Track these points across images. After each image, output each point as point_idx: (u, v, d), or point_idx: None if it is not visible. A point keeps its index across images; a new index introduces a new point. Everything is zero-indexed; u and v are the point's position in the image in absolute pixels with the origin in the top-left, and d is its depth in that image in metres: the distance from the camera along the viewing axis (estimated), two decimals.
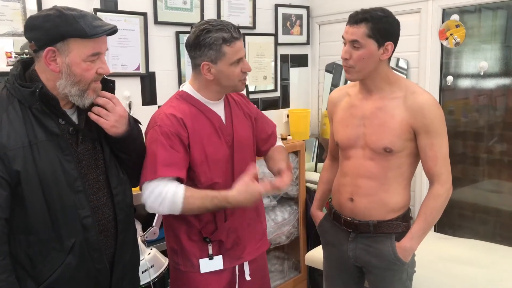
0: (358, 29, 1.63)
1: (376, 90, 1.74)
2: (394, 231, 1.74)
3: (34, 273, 1.35)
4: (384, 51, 1.66)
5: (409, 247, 1.71)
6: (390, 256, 1.73)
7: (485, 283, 2.11)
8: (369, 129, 1.73)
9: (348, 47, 1.68)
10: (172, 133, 1.59)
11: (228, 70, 1.63)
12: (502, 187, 2.71)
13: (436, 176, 1.69)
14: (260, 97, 3.21)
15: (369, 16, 1.62)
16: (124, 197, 1.53)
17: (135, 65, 2.49)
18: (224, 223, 1.71)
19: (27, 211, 1.31)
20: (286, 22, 3.28)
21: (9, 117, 1.29)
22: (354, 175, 1.77)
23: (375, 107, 1.73)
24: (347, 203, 1.80)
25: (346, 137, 1.80)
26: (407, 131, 1.67)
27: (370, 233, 1.76)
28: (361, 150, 1.76)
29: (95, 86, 1.40)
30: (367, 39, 1.63)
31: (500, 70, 2.62)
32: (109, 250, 1.48)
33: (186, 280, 1.74)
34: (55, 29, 1.29)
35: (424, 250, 1.85)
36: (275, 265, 3.11)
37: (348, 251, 1.82)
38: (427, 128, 1.65)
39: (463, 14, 2.67)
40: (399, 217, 1.76)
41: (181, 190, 1.56)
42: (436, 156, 1.67)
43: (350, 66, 1.69)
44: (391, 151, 1.69)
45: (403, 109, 1.68)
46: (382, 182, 1.73)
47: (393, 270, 1.75)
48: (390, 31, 1.66)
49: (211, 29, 1.58)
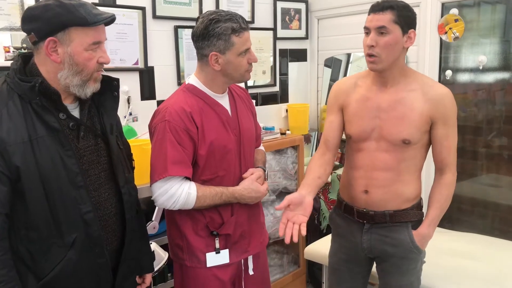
0: (384, 15, 1.65)
1: (392, 82, 1.74)
2: (410, 219, 1.78)
3: (35, 268, 1.34)
4: (407, 39, 1.68)
5: (427, 233, 1.76)
6: (408, 244, 1.77)
7: (483, 276, 2.12)
8: (386, 121, 1.74)
9: (373, 35, 1.67)
10: (181, 129, 1.60)
11: (235, 61, 1.63)
12: (501, 181, 2.72)
13: (448, 166, 1.76)
14: (259, 92, 3.21)
15: (394, 4, 1.66)
16: (130, 197, 1.53)
17: (133, 60, 2.49)
18: (231, 217, 1.73)
19: (28, 207, 1.30)
20: (285, 16, 3.27)
21: (9, 112, 1.28)
22: (368, 168, 1.78)
23: (393, 100, 1.74)
24: (361, 195, 1.81)
25: (361, 129, 1.79)
26: (426, 123, 1.71)
27: (386, 223, 1.79)
28: (375, 142, 1.77)
29: (96, 75, 1.40)
30: (393, 24, 1.65)
31: (499, 64, 2.62)
32: (111, 246, 1.48)
33: (192, 276, 1.75)
34: (56, 18, 1.28)
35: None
36: (275, 259, 3.11)
37: (362, 243, 1.84)
38: (446, 119, 1.71)
39: (462, 8, 2.66)
40: (414, 206, 1.80)
41: (193, 191, 1.63)
42: (450, 146, 1.74)
43: (377, 55, 1.67)
44: (409, 143, 1.72)
45: (422, 101, 1.70)
46: (397, 173, 1.76)
47: (409, 259, 1.79)
48: (412, 19, 1.69)
49: (220, 19, 1.59)
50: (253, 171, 1.78)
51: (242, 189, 1.71)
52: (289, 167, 2.99)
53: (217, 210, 1.71)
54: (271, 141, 2.85)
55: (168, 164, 1.58)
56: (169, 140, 1.59)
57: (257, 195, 1.74)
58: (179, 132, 1.60)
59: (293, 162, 3.01)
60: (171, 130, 1.59)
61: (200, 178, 1.68)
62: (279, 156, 2.97)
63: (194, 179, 1.68)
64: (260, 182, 1.77)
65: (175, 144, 1.59)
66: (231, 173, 1.73)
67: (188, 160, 1.63)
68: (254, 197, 1.74)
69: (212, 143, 1.66)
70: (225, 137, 1.69)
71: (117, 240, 1.51)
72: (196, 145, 1.64)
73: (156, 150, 1.63)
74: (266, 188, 1.79)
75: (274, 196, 2.96)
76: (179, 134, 1.60)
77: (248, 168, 1.78)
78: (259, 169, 1.82)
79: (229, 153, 1.71)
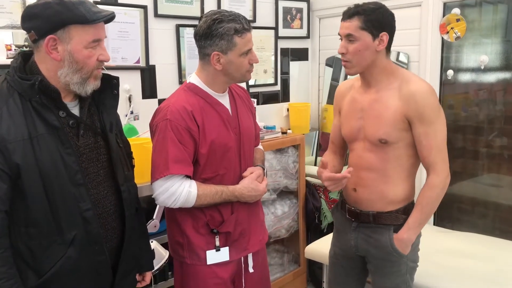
0: (351, 23, 1.66)
1: (375, 83, 1.75)
2: (393, 223, 1.76)
3: (35, 265, 1.35)
4: (379, 42, 1.67)
5: (406, 238, 1.72)
6: (387, 247, 1.75)
7: (483, 276, 2.12)
8: (367, 121, 1.75)
9: (344, 42, 1.70)
10: (182, 128, 1.61)
11: (237, 61, 1.64)
12: (502, 181, 2.72)
13: (431, 165, 1.69)
14: (260, 91, 3.21)
15: (360, 9, 1.66)
16: (130, 195, 1.54)
17: (135, 58, 2.49)
18: (231, 215, 1.75)
19: (28, 204, 1.31)
20: (287, 15, 3.27)
21: (9, 110, 1.29)
22: (356, 167, 1.79)
23: (372, 99, 1.75)
24: (352, 193, 1.83)
25: (349, 130, 1.83)
26: (401, 121, 1.68)
27: (370, 223, 1.79)
28: (362, 142, 1.79)
29: (96, 73, 1.41)
30: (360, 31, 1.65)
31: (501, 64, 2.62)
32: (110, 243, 1.49)
33: (192, 273, 1.76)
34: (56, 16, 1.28)
35: (423, 243, 1.86)
36: (275, 258, 3.12)
37: (350, 240, 1.86)
38: (421, 116, 1.65)
39: (464, 8, 2.66)
40: (400, 209, 1.76)
41: (194, 189, 1.64)
42: (431, 145, 1.67)
43: (348, 61, 1.71)
44: (386, 142, 1.70)
45: (397, 99, 1.68)
46: (382, 174, 1.75)
47: (391, 261, 1.77)
48: (383, 22, 1.67)
49: (223, 19, 1.60)
50: (252, 170, 1.78)
51: (242, 187, 1.73)
52: (290, 166, 2.99)
53: (217, 208, 1.72)
54: (272, 140, 2.85)
55: (169, 163, 1.59)
56: (171, 139, 1.60)
57: (257, 194, 1.76)
58: (181, 130, 1.61)
59: (294, 161, 3.01)
60: (172, 128, 1.60)
61: (201, 177, 1.69)
62: (280, 155, 2.97)
63: (195, 178, 1.69)
64: (260, 180, 1.78)
65: (176, 143, 1.60)
66: (231, 171, 1.74)
67: (189, 158, 1.64)
68: (253, 196, 1.75)
69: (213, 142, 1.66)
70: (225, 136, 1.70)
71: (117, 238, 1.51)
72: (197, 144, 1.65)
73: (157, 148, 1.64)
74: (266, 186, 1.80)
75: (275, 195, 2.96)
76: (180, 132, 1.61)
77: (248, 167, 1.79)
78: (259, 168, 1.83)
79: (230, 152, 1.72)
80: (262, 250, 1.92)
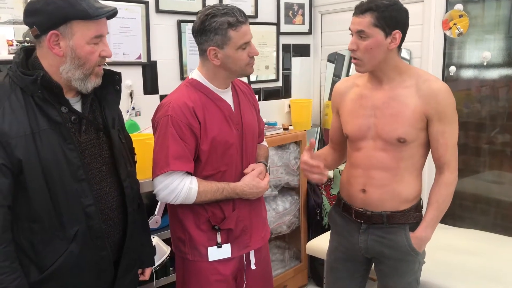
0: (363, 19, 1.61)
1: (387, 80, 1.71)
2: (408, 221, 1.74)
3: (37, 260, 1.35)
4: (392, 40, 1.62)
5: (424, 236, 1.72)
6: (404, 247, 1.73)
7: (485, 273, 2.12)
8: (381, 119, 1.70)
9: (355, 38, 1.65)
10: (183, 124, 1.60)
11: (235, 55, 1.63)
12: (504, 178, 2.72)
13: (446, 164, 1.70)
14: (262, 87, 3.20)
15: (374, 5, 1.59)
16: (132, 190, 1.54)
17: (136, 54, 2.49)
18: (233, 212, 1.74)
19: (30, 199, 1.31)
20: (288, 11, 3.26)
21: (11, 105, 1.29)
22: (366, 167, 1.75)
23: (387, 97, 1.70)
24: (359, 194, 1.78)
25: (357, 128, 1.77)
26: (421, 120, 1.66)
27: (383, 224, 1.75)
28: (372, 141, 1.74)
29: (97, 70, 1.40)
30: (373, 28, 1.60)
31: (503, 61, 2.61)
32: (112, 239, 1.49)
33: (193, 269, 1.76)
34: (58, 11, 1.28)
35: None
36: (276, 254, 3.12)
37: (359, 243, 1.81)
38: (440, 115, 1.64)
39: (466, 4, 2.65)
40: (412, 207, 1.75)
41: (195, 186, 1.64)
42: (447, 144, 1.67)
43: (359, 59, 1.66)
44: (404, 141, 1.67)
45: (416, 97, 1.66)
46: (394, 173, 1.72)
47: (406, 261, 1.75)
48: (397, 19, 1.62)
49: (216, 14, 1.58)
50: (254, 167, 1.78)
51: (243, 185, 1.72)
52: (291, 162, 2.99)
53: (218, 205, 1.71)
54: (274, 136, 2.85)
55: (170, 159, 1.59)
56: (172, 135, 1.60)
57: (258, 191, 1.75)
58: (182, 127, 1.60)
59: (295, 157, 3.01)
60: (173, 125, 1.60)
61: (202, 173, 1.69)
62: (281, 152, 2.97)
63: (196, 174, 1.68)
64: (261, 177, 1.77)
65: (177, 139, 1.60)
66: (232, 168, 1.73)
67: (190, 155, 1.64)
68: (255, 193, 1.74)
69: (215, 139, 1.66)
70: (227, 133, 1.69)
71: (119, 233, 1.52)
72: (198, 140, 1.65)
73: (158, 144, 1.64)
74: (267, 183, 1.79)
75: (276, 192, 2.96)
76: (181, 129, 1.60)
77: (250, 163, 1.78)
78: (260, 164, 1.82)
79: (231, 149, 1.71)
80: (265, 246, 1.91)
